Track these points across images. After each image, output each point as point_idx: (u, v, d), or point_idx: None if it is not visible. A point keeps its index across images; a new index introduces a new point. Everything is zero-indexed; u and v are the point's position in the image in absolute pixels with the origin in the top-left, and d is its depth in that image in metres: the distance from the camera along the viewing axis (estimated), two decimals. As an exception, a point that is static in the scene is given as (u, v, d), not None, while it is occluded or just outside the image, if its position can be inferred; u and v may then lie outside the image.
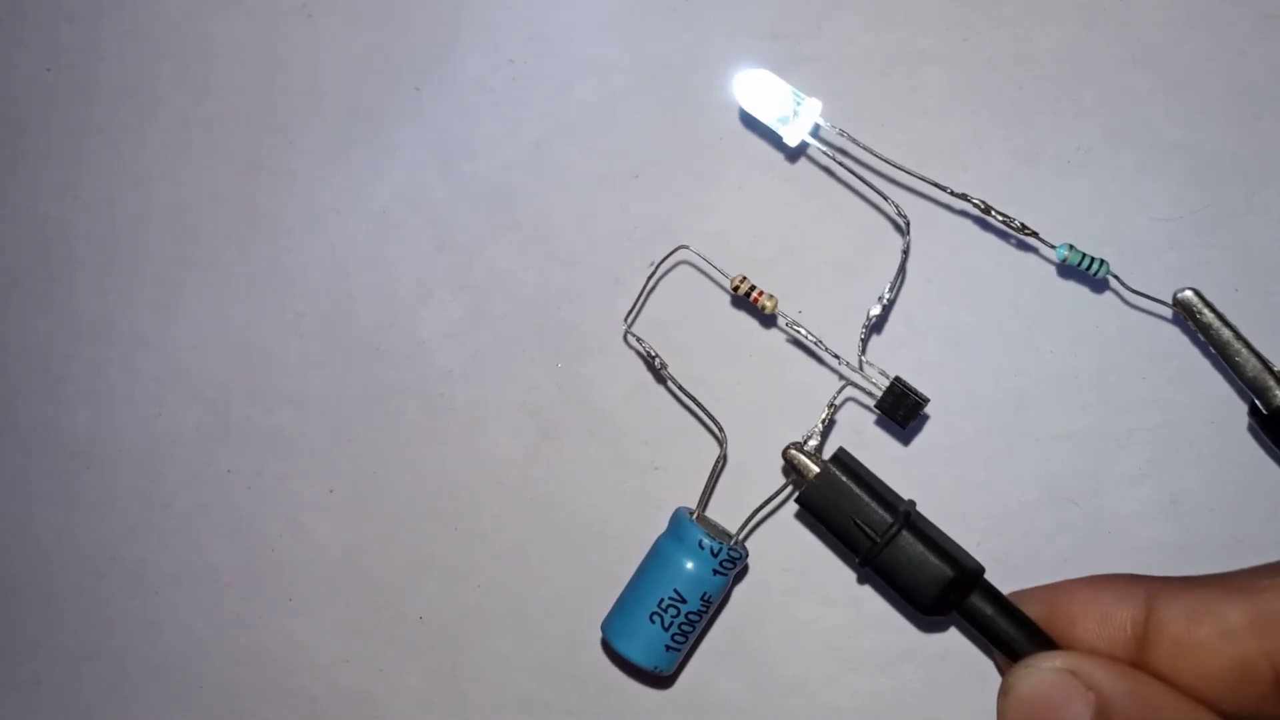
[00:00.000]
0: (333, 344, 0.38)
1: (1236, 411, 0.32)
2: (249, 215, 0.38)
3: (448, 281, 0.37)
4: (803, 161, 0.34)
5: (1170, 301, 0.28)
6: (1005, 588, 0.29)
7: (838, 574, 0.34)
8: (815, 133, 0.29)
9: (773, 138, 0.29)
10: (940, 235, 0.33)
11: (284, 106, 0.38)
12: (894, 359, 0.33)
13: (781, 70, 0.35)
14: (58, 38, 0.39)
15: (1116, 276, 0.27)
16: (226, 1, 0.38)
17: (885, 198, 0.30)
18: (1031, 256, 0.33)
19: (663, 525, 0.32)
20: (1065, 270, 0.33)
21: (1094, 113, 0.33)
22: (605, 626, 0.31)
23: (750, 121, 0.29)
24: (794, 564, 0.34)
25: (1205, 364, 0.32)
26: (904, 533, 0.28)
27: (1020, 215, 0.30)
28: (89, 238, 0.39)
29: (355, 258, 0.37)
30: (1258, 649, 0.25)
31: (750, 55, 0.35)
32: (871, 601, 0.35)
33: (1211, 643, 0.25)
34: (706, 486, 0.31)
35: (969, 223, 0.33)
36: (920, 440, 0.34)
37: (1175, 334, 0.33)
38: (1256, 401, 0.28)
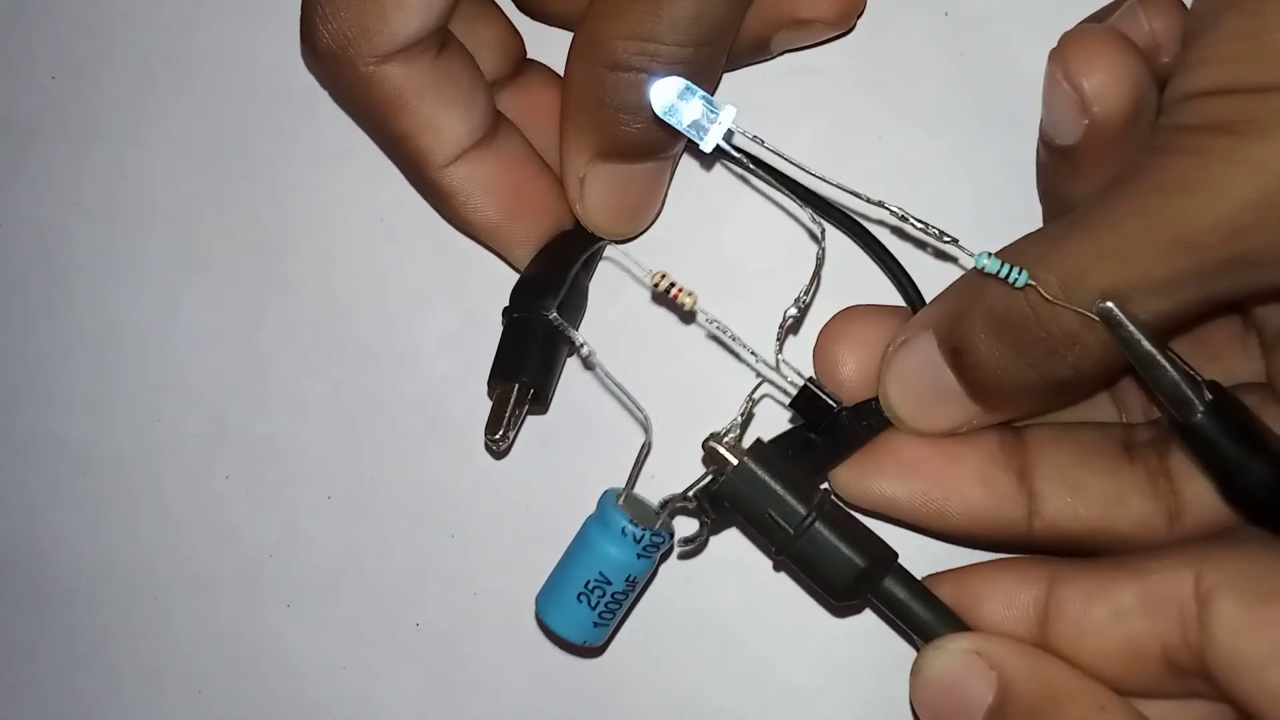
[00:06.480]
0: (330, 351, 0.38)
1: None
2: (248, 222, 0.38)
3: (446, 289, 0.37)
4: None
5: (1093, 313, 0.27)
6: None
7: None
8: (729, 139, 0.29)
9: (691, 143, 0.30)
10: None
11: (283, 114, 0.38)
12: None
13: (777, 80, 0.35)
14: (62, 45, 0.39)
15: (1034, 285, 0.26)
16: (228, 10, 0.38)
17: (801, 204, 0.31)
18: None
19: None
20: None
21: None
22: (538, 600, 0.32)
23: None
24: (789, 568, 0.34)
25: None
26: (818, 524, 0.28)
27: (1016, 220, 0.30)
28: (89, 244, 0.39)
29: (353, 265, 0.38)
30: (1147, 629, 0.25)
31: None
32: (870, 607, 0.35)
33: (1105, 623, 0.26)
34: (633, 472, 0.31)
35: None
36: None
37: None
38: (1175, 414, 0.27)
